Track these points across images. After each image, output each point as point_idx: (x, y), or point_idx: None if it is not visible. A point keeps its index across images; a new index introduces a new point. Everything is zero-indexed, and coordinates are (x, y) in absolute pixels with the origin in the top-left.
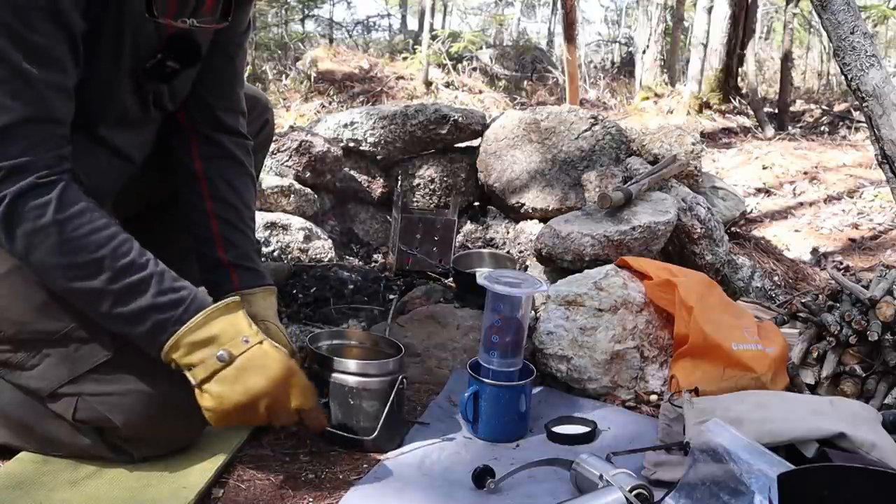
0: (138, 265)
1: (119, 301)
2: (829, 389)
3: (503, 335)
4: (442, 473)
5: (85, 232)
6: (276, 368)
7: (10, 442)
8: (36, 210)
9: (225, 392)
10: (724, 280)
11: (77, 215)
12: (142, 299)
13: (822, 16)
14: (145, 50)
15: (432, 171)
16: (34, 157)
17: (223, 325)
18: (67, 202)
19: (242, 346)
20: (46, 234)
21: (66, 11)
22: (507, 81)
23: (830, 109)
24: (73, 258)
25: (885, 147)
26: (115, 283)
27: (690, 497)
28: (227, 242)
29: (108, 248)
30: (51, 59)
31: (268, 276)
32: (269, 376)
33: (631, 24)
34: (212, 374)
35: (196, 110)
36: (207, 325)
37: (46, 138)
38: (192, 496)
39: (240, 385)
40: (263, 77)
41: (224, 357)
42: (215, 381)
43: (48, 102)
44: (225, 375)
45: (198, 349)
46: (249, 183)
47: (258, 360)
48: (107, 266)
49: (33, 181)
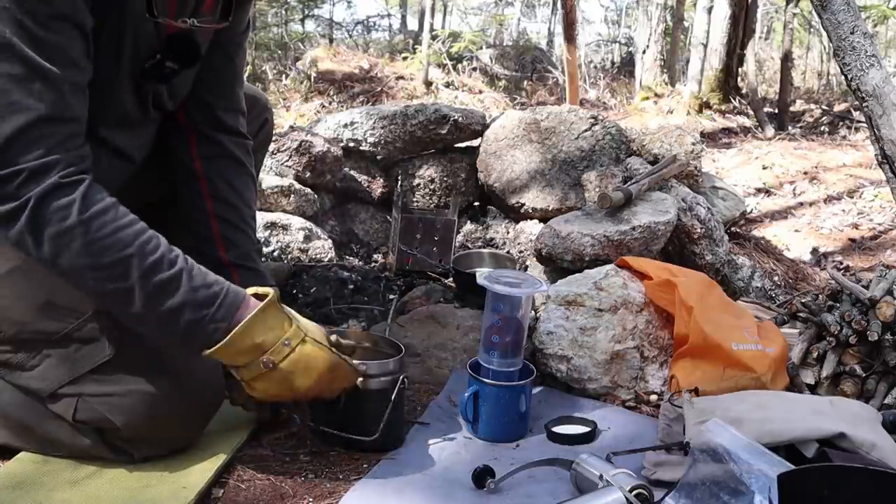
0: (168, 261)
1: (151, 300)
2: (829, 389)
3: (503, 335)
4: (442, 473)
5: (110, 230)
6: (321, 367)
7: (10, 442)
8: (61, 211)
9: (272, 389)
10: (724, 280)
11: (101, 213)
12: (174, 297)
13: (822, 16)
14: (145, 50)
15: (432, 171)
16: (56, 156)
17: (264, 334)
18: (91, 201)
19: (285, 352)
20: (72, 235)
21: (79, 9)
22: (507, 81)
23: (830, 109)
24: (101, 258)
25: (885, 147)
26: (146, 282)
27: (690, 497)
28: (228, 242)
29: (136, 246)
30: (67, 57)
31: (269, 276)
32: (314, 376)
33: (631, 24)
34: (258, 377)
35: (196, 110)
36: (249, 335)
37: (67, 137)
38: (192, 496)
39: (286, 385)
40: (263, 77)
41: (269, 364)
42: (262, 381)
43: (67, 100)
44: (271, 377)
45: (242, 356)
46: (250, 182)
47: (302, 362)
48: (135, 264)
49: (56, 181)
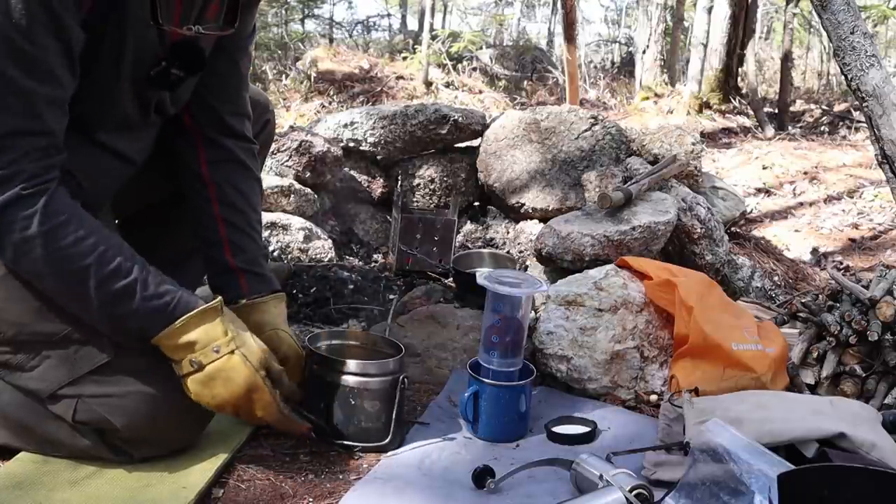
0: (124, 271)
1: (105, 307)
2: (829, 389)
3: (503, 335)
4: (442, 473)
5: (70, 242)
6: (239, 382)
7: (10, 443)
8: (22, 221)
9: (198, 392)
10: (724, 280)
11: (62, 225)
12: (127, 305)
13: (822, 16)
14: (148, 57)
15: (432, 171)
16: (20, 167)
17: (198, 333)
18: (52, 212)
19: (212, 356)
20: (32, 245)
21: (67, 26)
22: (507, 81)
23: (830, 109)
24: (60, 267)
25: (885, 147)
26: (102, 290)
27: (690, 497)
28: (236, 247)
29: (94, 256)
30: (47, 73)
31: (275, 281)
32: (230, 390)
33: (631, 24)
34: (187, 375)
35: (201, 114)
36: (185, 333)
37: (35, 149)
38: (192, 496)
39: (208, 391)
40: (263, 77)
41: (195, 364)
42: (191, 381)
43: (41, 115)
44: (196, 379)
45: (177, 351)
46: (256, 187)
47: (224, 372)
48: (92, 274)
49: (18, 192)
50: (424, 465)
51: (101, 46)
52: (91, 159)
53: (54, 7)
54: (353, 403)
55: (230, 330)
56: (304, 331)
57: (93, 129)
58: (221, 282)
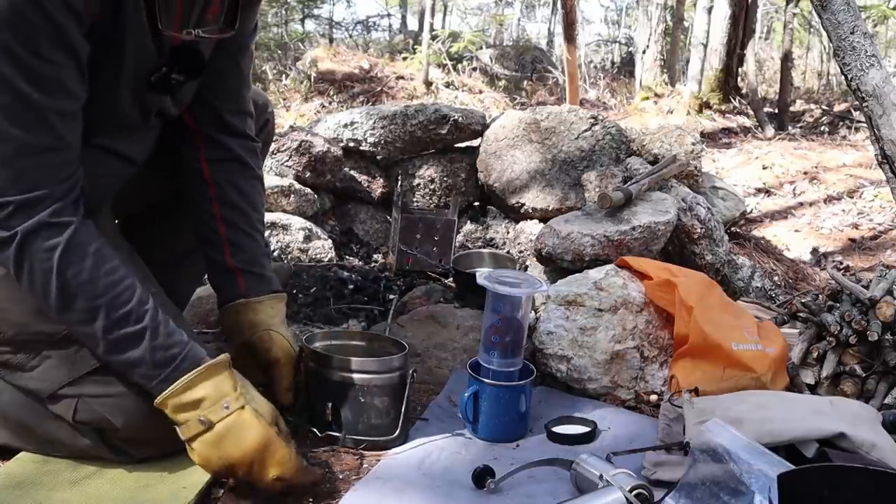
0: (135, 317)
1: (111, 349)
2: (829, 389)
3: (503, 335)
4: (442, 473)
5: (86, 279)
6: (252, 439)
7: (10, 442)
8: (43, 253)
9: (206, 453)
10: (724, 280)
11: (81, 259)
12: (134, 352)
13: (822, 16)
14: (148, 63)
15: (432, 171)
16: (45, 190)
17: (207, 390)
18: (76, 245)
19: (222, 413)
20: (49, 277)
21: (72, 36)
22: (507, 81)
23: (830, 109)
24: (71, 303)
25: (885, 147)
26: (109, 333)
27: (690, 497)
28: (235, 247)
29: (107, 298)
30: (58, 86)
31: (276, 282)
32: (242, 448)
33: (631, 24)
34: (195, 436)
35: (202, 113)
36: (192, 390)
37: (56, 167)
38: (192, 496)
39: (217, 452)
40: (263, 77)
41: (204, 423)
42: (198, 443)
43: (57, 130)
44: (205, 440)
45: (182, 411)
46: (258, 186)
47: (235, 430)
48: (102, 315)
49: (44, 219)
50: (424, 465)
51: (102, 53)
52: (91, 161)
53: (59, 19)
54: (363, 401)
55: (239, 385)
56: (304, 331)
57: (93, 132)
58: (220, 282)
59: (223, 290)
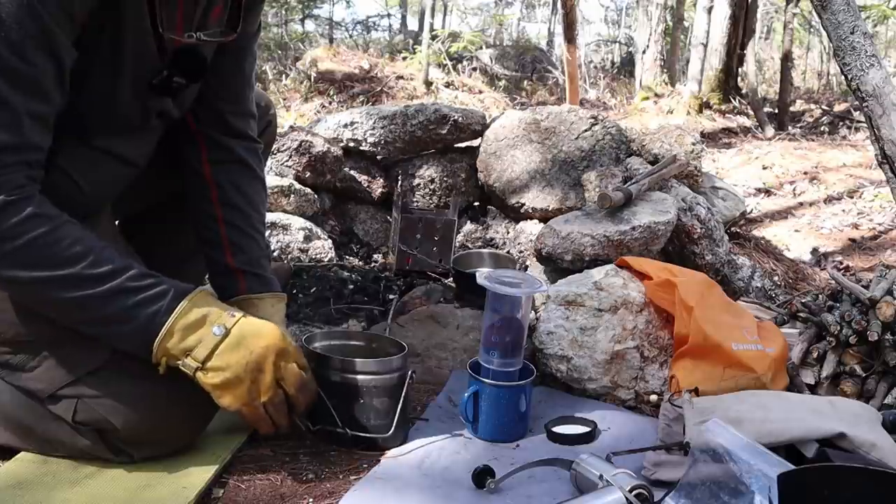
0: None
1: (105, 304)
2: (829, 389)
3: (503, 335)
4: (442, 473)
5: (66, 245)
6: (270, 329)
7: (10, 443)
8: (10, 230)
9: (231, 359)
10: (724, 280)
11: (54, 230)
12: (124, 301)
13: (822, 16)
14: (149, 65)
15: (432, 171)
16: (4, 178)
17: (210, 306)
18: (44, 217)
19: (233, 319)
20: (22, 249)
21: (59, 43)
22: (507, 81)
23: (830, 109)
24: (53, 271)
25: (885, 147)
26: (97, 292)
27: (690, 497)
28: (236, 248)
29: (89, 259)
30: (36, 89)
31: (276, 284)
32: (266, 338)
33: (631, 24)
34: (213, 350)
35: (205, 114)
36: (196, 308)
37: (20, 163)
38: (192, 496)
39: (243, 349)
40: (263, 77)
41: (220, 331)
42: (217, 355)
43: (27, 131)
44: (227, 345)
45: (193, 331)
46: (260, 187)
47: (252, 326)
48: (86, 276)
49: (3, 199)
50: (424, 465)
51: (100, 56)
52: (92, 163)
53: (47, 23)
54: (363, 401)
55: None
56: (304, 331)
57: (94, 134)
58: (221, 282)
59: (224, 290)
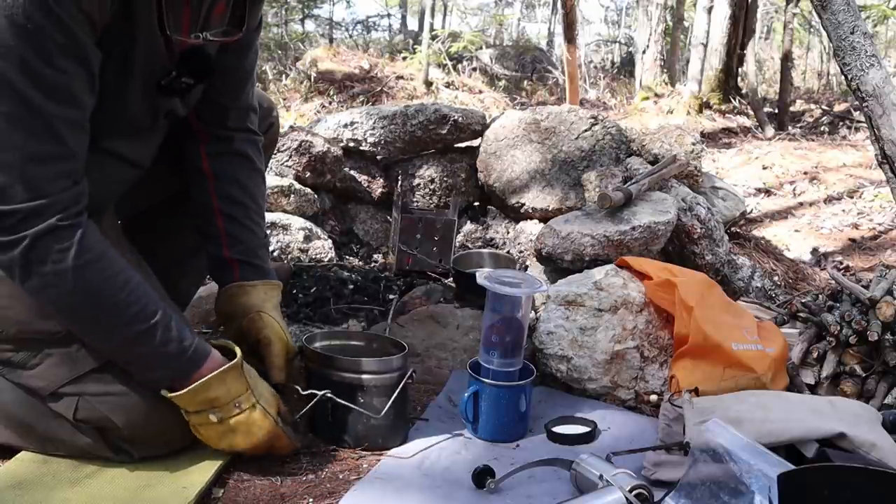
0: (146, 314)
1: (123, 346)
2: (829, 389)
3: (503, 335)
4: (442, 473)
5: (98, 280)
6: (261, 435)
7: (10, 441)
8: (56, 254)
9: (210, 439)
10: (724, 280)
11: (94, 261)
12: (144, 348)
13: (822, 16)
14: (158, 67)
15: (432, 171)
16: (52, 198)
17: (221, 391)
18: (86, 248)
19: (234, 412)
20: (63, 278)
21: (84, 46)
22: (507, 81)
23: (830, 109)
24: (86, 304)
25: (885, 147)
26: (120, 331)
27: (690, 497)
28: (233, 239)
29: (120, 297)
30: (67, 95)
31: (272, 273)
32: (251, 442)
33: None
34: (203, 424)
35: (205, 109)
36: (205, 390)
37: (62, 175)
38: (192, 496)
39: (225, 440)
40: (263, 77)
41: (216, 418)
42: (204, 430)
43: (65, 139)
44: (215, 430)
45: (194, 405)
46: (259, 179)
47: (245, 426)
48: (115, 314)
49: (53, 223)
50: (424, 465)
51: (111, 59)
52: (98, 164)
53: (71, 27)
54: (363, 401)
55: (250, 381)
56: (304, 331)
57: (101, 135)
58: (217, 274)
59: (220, 281)
